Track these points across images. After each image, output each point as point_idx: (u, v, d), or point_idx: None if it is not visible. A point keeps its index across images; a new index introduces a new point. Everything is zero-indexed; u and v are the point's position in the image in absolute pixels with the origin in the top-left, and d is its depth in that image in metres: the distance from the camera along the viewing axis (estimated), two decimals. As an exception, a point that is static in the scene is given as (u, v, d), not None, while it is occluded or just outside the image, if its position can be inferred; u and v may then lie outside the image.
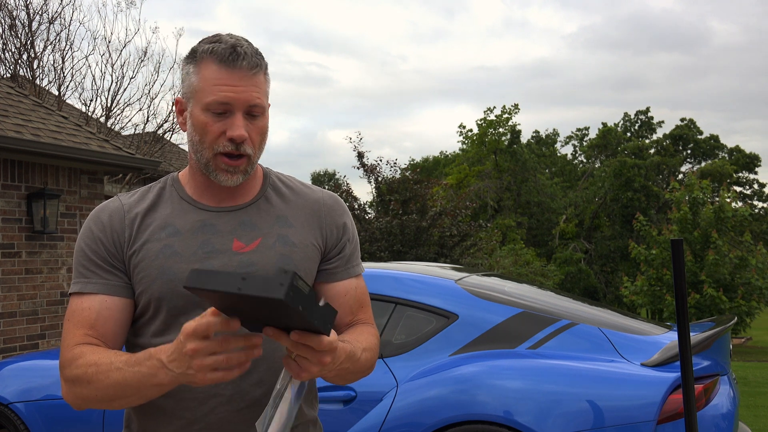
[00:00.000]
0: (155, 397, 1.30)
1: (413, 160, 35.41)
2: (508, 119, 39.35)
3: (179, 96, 1.50)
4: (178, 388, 1.40)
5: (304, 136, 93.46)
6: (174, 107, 1.53)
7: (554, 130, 48.13)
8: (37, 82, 12.61)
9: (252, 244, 1.47)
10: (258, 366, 1.43)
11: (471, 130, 41.42)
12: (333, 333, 1.20)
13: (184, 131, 1.49)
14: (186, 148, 14.23)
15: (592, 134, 45.61)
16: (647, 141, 44.13)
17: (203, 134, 1.42)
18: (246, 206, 1.51)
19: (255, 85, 1.41)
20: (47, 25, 12.53)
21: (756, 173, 44.72)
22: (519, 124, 43.11)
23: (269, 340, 1.42)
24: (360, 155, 15.74)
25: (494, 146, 38.92)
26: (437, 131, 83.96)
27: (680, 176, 39.99)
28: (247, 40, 1.45)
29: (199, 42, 1.46)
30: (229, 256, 1.45)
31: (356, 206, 15.67)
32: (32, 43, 12.53)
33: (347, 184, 16.40)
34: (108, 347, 1.40)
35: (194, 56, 1.44)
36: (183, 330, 1.17)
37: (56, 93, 12.86)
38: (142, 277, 1.43)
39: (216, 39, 1.43)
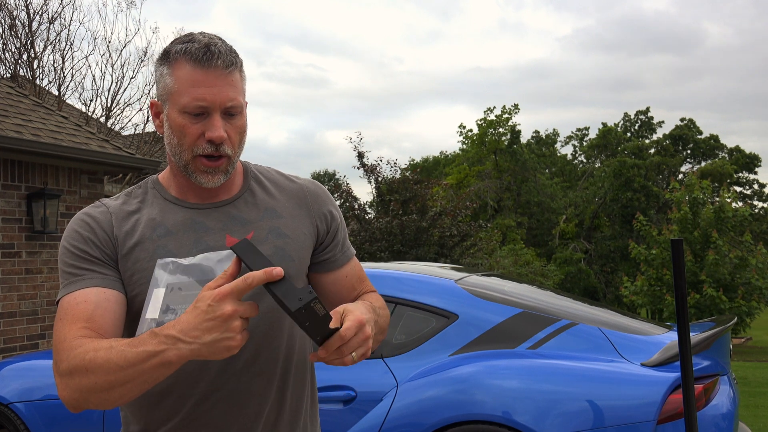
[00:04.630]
0: (158, 380, 1.22)
1: (413, 160, 35.42)
2: (508, 119, 39.35)
3: (154, 99, 1.46)
4: (178, 385, 1.40)
5: (302, 136, 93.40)
6: (150, 110, 1.51)
7: (554, 130, 48.11)
8: (37, 82, 12.61)
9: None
10: (257, 358, 1.42)
11: (471, 131, 41.42)
12: (349, 316, 1.25)
13: (161, 134, 1.46)
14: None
15: (592, 134, 45.64)
16: (647, 141, 44.10)
17: (181, 136, 1.39)
18: (233, 201, 1.49)
19: (231, 84, 1.38)
20: (47, 25, 12.56)
21: (756, 173, 44.73)
22: (519, 124, 43.14)
23: (264, 330, 1.43)
24: (360, 155, 15.73)
25: (494, 146, 38.91)
26: (435, 132, 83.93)
27: (680, 176, 39.97)
28: (220, 38, 1.42)
29: (172, 42, 1.42)
30: None
31: (356, 206, 15.66)
32: (32, 43, 12.53)
33: (347, 184, 16.38)
34: None
35: (167, 57, 1.40)
36: (214, 295, 1.17)
37: (56, 93, 12.86)
38: (138, 278, 1.40)
39: (189, 39, 1.40)
